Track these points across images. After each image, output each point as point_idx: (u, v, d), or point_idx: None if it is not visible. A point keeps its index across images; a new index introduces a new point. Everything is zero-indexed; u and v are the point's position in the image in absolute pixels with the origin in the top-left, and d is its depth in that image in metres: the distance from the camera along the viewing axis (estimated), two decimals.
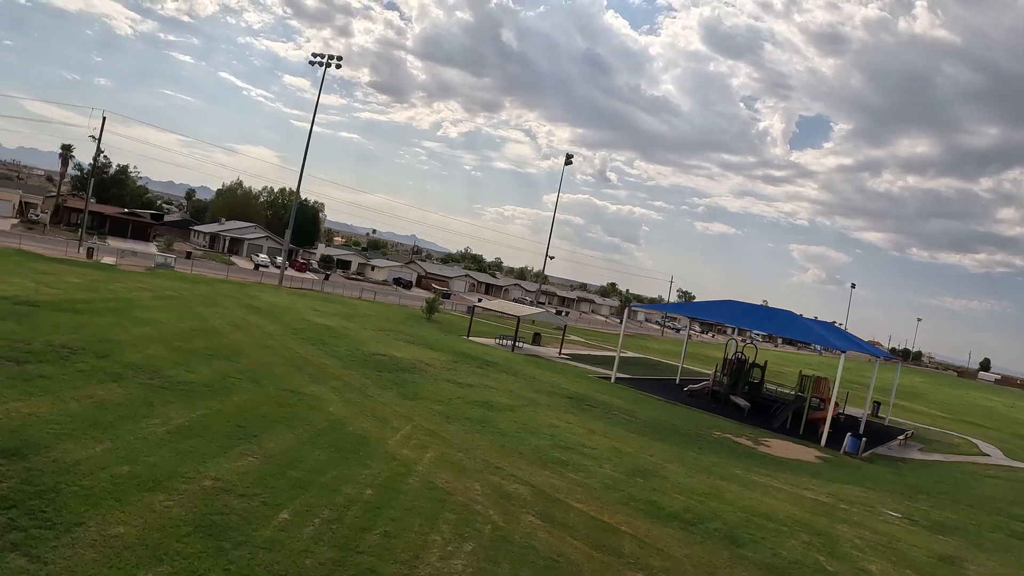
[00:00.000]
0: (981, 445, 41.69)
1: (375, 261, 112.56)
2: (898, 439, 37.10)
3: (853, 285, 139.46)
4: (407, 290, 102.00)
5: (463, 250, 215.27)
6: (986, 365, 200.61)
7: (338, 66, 71.39)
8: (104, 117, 51.86)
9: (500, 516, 13.61)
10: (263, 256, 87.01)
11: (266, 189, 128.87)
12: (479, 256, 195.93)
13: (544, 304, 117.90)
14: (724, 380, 41.53)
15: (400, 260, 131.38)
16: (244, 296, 44.50)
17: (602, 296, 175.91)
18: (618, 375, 42.15)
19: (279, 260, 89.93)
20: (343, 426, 17.95)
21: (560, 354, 51.16)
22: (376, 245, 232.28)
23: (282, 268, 62.38)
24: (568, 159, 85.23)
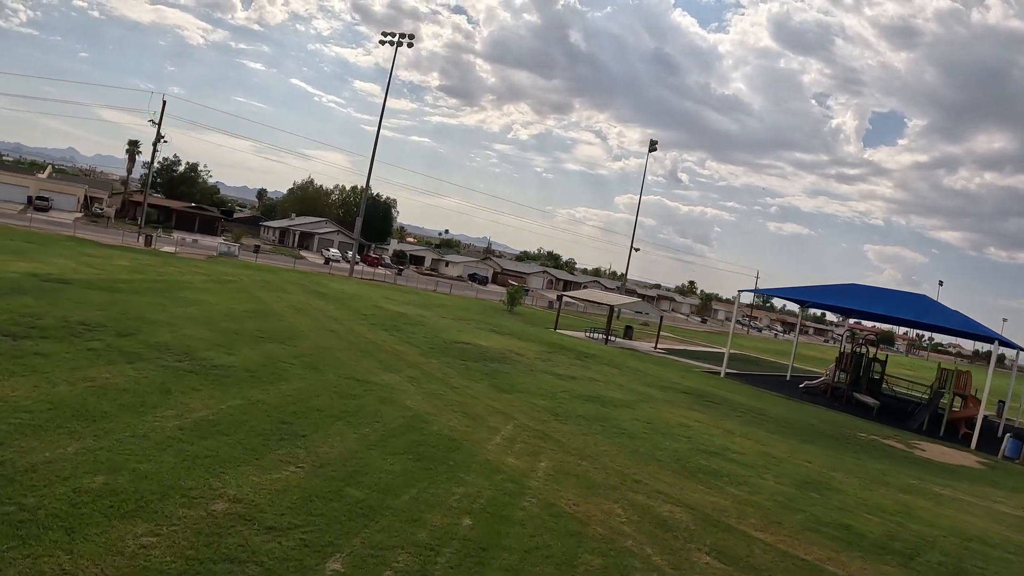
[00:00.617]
0: None
1: (449, 257, 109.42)
2: None
3: (941, 283, 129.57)
4: (483, 286, 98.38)
5: (537, 249, 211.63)
6: None
7: (410, 44, 68.56)
8: (164, 101, 49.73)
9: (664, 557, 9.01)
10: (334, 251, 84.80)
11: (338, 187, 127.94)
12: (556, 254, 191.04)
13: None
14: (843, 376, 37.18)
15: (474, 257, 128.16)
16: (310, 283, 41.20)
17: (681, 295, 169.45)
18: (727, 370, 38.12)
19: (350, 255, 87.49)
20: (424, 424, 13.60)
21: (656, 348, 46.57)
22: (449, 244, 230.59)
23: (352, 260, 59.26)
24: (652, 145, 80.00)
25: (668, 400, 23.36)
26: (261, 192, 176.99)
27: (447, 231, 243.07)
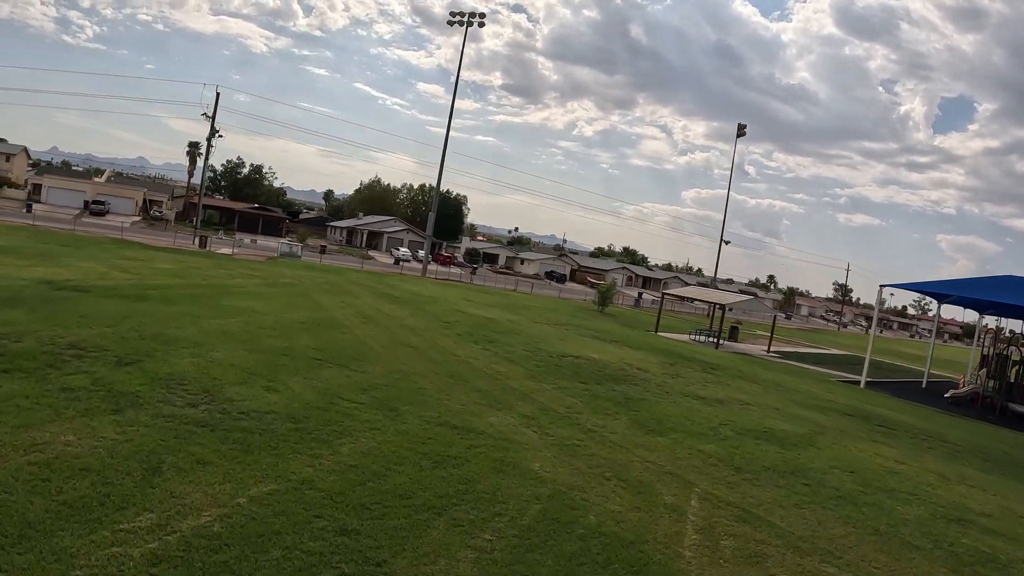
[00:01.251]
0: None
1: (525, 254, 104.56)
2: None
3: None
4: (561, 283, 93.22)
5: (607, 246, 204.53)
6: None
7: (481, 24, 64.44)
8: (218, 93, 46.33)
9: None
10: (404, 250, 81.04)
11: (405, 186, 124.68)
12: (632, 250, 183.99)
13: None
14: (992, 383, 31.76)
15: (538, 254, 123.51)
16: (380, 285, 36.76)
17: (762, 290, 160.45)
18: (867, 379, 32.47)
19: (421, 254, 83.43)
20: (572, 511, 8.47)
21: (769, 352, 41.25)
22: (520, 241, 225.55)
23: (425, 259, 54.88)
24: (741, 129, 73.40)
25: (841, 429, 17.96)
26: (328, 193, 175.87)
27: (516, 228, 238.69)
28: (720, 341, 40.75)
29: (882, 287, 38.31)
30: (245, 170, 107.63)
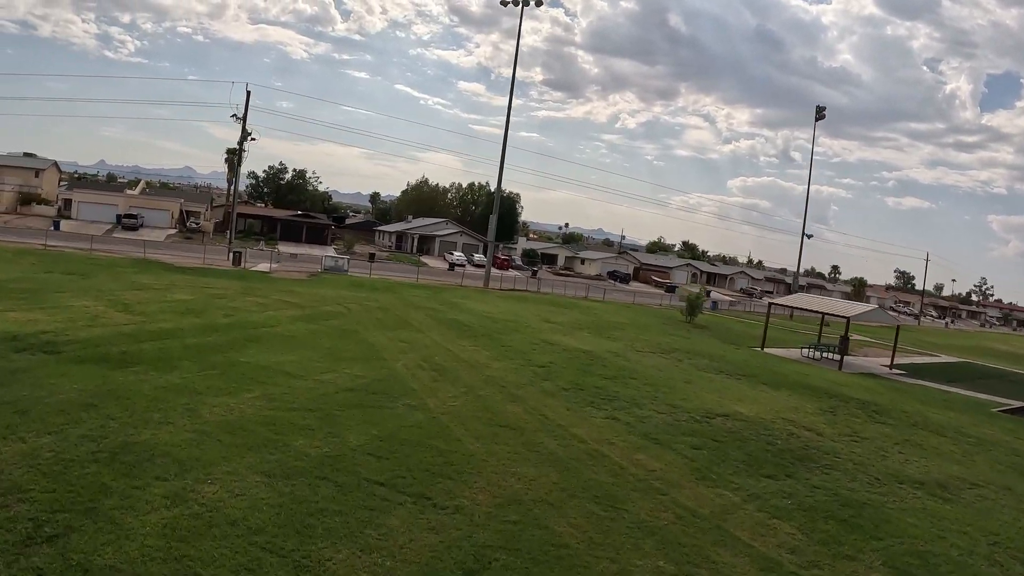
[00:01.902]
0: None
1: (584, 254, 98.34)
2: None
3: None
4: (625, 284, 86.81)
5: (657, 238, 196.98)
6: None
7: (538, 3, 58.70)
8: (248, 92, 41.29)
9: None
10: (458, 254, 75.70)
11: (454, 185, 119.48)
12: (692, 244, 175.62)
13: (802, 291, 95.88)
14: None
15: (599, 252, 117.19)
16: (442, 305, 31.29)
17: (829, 281, 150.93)
18: None
19: (476, 257, 78.24)
20: None
21: (892, 368, 34.93)
22: (573, 238, 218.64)
23: (487, 268, 49.31)
24: (820, 112, 66.14)
25: None
26: (374, 196, 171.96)
27: (567, 225, 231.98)
28: (830, 355, 34.71)
29: None
30: (288, 175, 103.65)
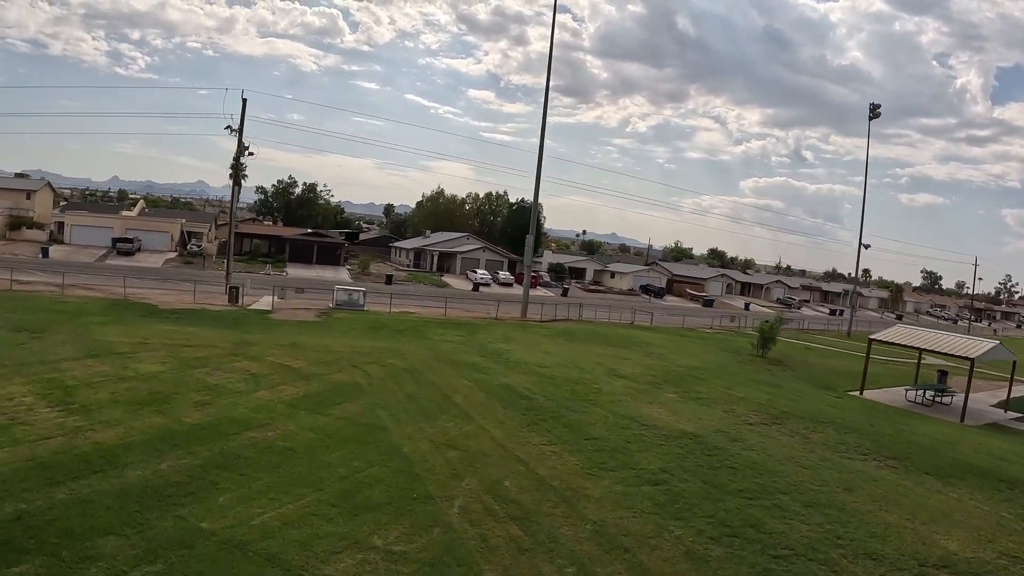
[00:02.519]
0: None
1: (614, 266, 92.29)
2: None
3: None
4: (660, 299, 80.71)
5: (675, 243, 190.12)
6: None
7: None
8: (244, 100, 35.83)
9: None
10: (482, 272, 69.97)
11: (470, 195, 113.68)
12: (721, 251, 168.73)
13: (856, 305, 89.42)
14: None
15: (629, 265, 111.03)
16: (484, 356, 25.36)
17: (863, 285, 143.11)
18: None
19: (501, 275, 72.45)
20: None
21: (1007, 412, 28.91)
22: (591, 247, 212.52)
23: (525, 294, 43.16)
24: (874, 110, 59.59)
25: None
26: (388, 208, 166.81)
27: (584, 232, 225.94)
28: (942, 398, 28.68)
29: None
30: (298, 189, 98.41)
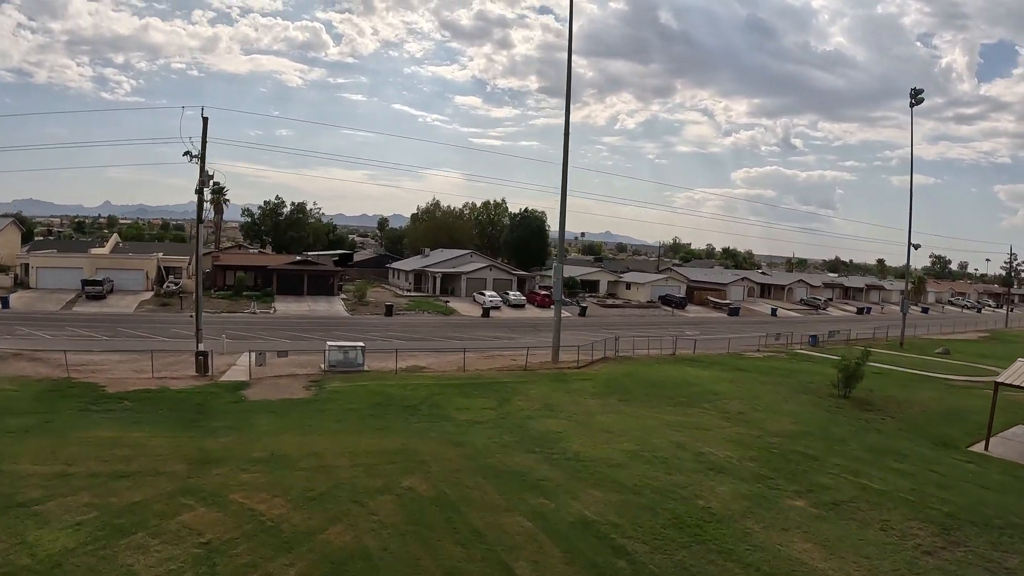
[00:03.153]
0: None
1: (629, 277, 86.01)
2: None
3: None
4: (682, 311, 74.55)
5: (673, 239, 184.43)
6: None
7: None
8: (205, 118, 29.53)
9: None
10: (490, 294, 63.90)
11: (467, 205, 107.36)
12: (733, 250, 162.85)
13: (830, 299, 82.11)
14: None
15: (645, 275, 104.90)
16: (527, 450, 19.03)
17: (886, 279, 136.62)
18: None
19: (512, 296, 66.16)
20: None
21: None
22: (592, 250, 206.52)
23: (555, 336, 36.45)
24: (915, 95, 53.22)
25: None
26: (382, 222, 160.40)
27: (583, 234, 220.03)
28: None
29: None
30: (287, 209, 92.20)
